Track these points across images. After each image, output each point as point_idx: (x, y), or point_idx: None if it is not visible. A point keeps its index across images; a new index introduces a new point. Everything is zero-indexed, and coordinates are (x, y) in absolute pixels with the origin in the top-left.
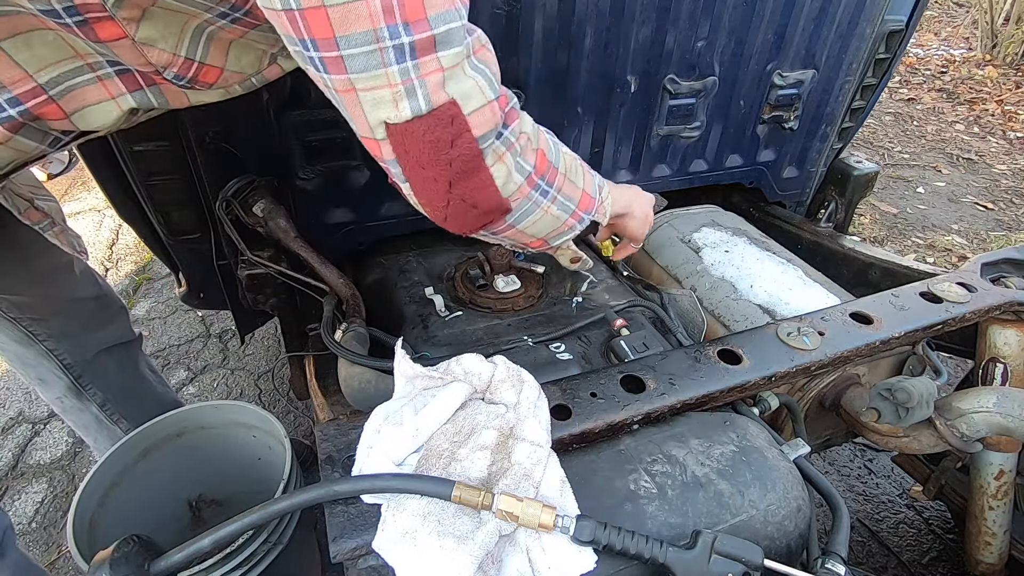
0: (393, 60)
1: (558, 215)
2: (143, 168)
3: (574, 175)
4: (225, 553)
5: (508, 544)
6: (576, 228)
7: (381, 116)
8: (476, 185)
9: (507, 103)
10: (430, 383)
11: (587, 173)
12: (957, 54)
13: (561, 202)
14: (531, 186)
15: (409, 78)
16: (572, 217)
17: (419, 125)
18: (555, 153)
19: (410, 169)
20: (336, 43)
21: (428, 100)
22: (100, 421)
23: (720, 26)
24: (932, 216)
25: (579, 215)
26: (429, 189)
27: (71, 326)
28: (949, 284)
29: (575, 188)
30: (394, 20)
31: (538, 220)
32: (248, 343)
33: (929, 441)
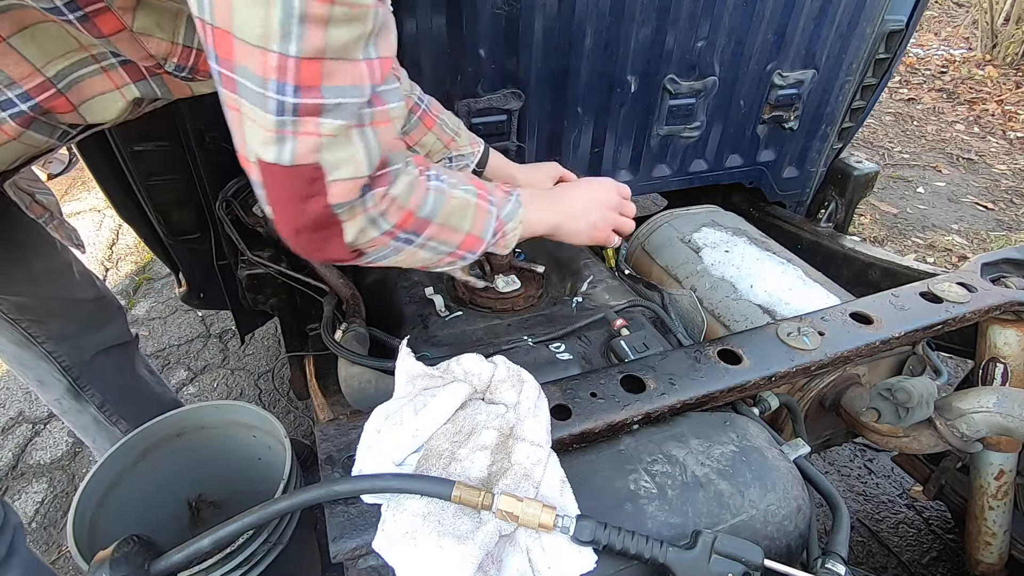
0: (273, 110)
1: (428, 256)
2: (143, 168)
3: (459, 221)
4: (225, 553)
5: (508, 544)
6: (459, 262)
7: (255, 147)
8: (323, 236)
9: (385, 168)
10: (430, 383)
11: (482, 213)
12: (957, 54)
13: (432, 247)
14: (390, 238)
15: (284, 130)
16: (451, 256)
17: (279, 172)
18: (432, 206)
19: (267, 198)
20: (234, 67)
21: (293, 155)
22: (99, 422)
23: (720, 26)
24: (932, 216)
25: (460, 254)
26: (279, 225)
27: (70, 328)
28: (949, 284)
29: (456, 233)
30: (284, 79)
31: (403, 259)
32: (248, 343)
33: (929, 441)
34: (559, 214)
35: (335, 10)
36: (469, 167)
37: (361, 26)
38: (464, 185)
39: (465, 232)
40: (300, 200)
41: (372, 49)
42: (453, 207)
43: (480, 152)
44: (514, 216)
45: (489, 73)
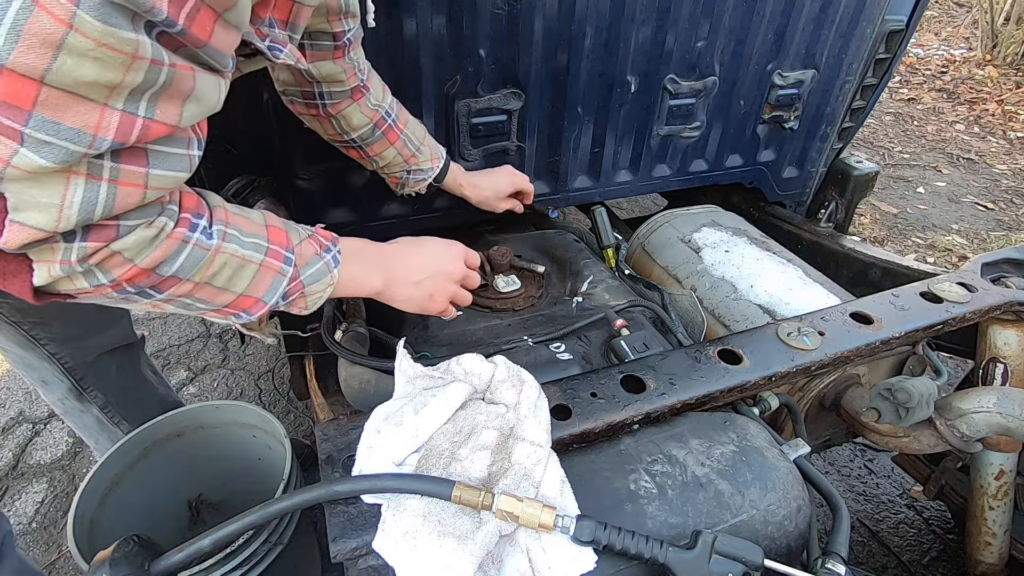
0: None
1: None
2: None
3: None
4: (225, 553)
5: (508, 544)
6: (233, 321)
7: None
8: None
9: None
10: (430, 383)
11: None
12: (957, 54)
13: (185, 303)
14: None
15: None
16: (216, 312)
17: None
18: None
19: None
20: None
21: None
22: (101, 423)
23: (720, 26)
24: (932, 216)
25: (229, 312)
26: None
27: (72, 329)
28: (949, 284)
29: (222, 293)
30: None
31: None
32: (248, 343)
33: (929, 441)
34: (388, 277)
35: (73, 37)
36: (426, 181)
37: (115, 72)
38: (252, 237)
39: (236, 294)
40: None
41: (143, 106)
42: (219, 266)
43: (440, 167)
44: (320, 279)
45: (489, 73)
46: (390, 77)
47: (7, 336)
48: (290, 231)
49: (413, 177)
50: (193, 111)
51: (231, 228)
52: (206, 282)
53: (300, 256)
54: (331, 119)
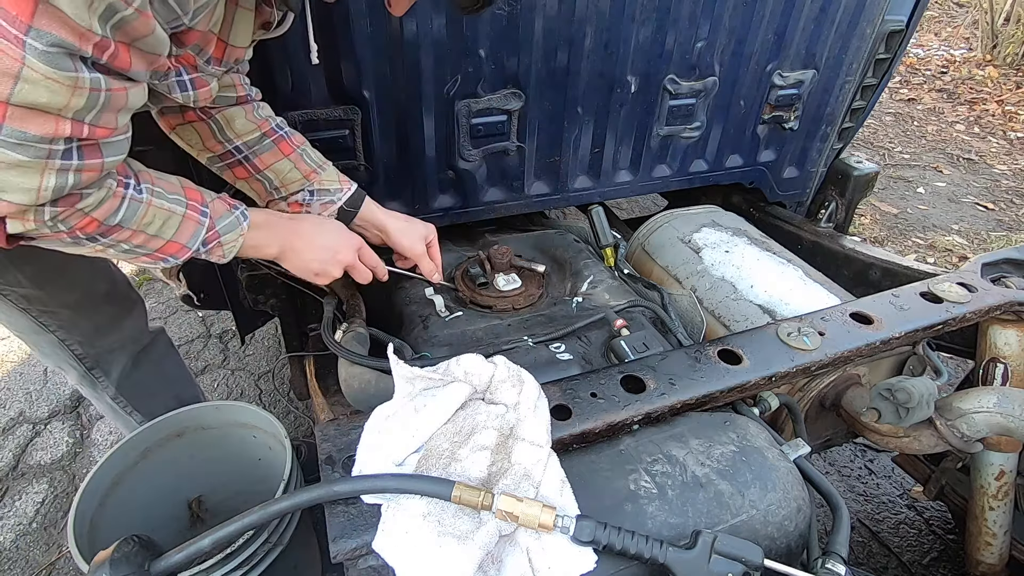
0: None
1: (123, 255)
2: None
3: (159, 228)
4: (225, 553)
5: (508, 544)
6: (161, 264)
7: None
8: None
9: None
10: (430, 383)
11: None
12: (957, 54)
13: (126, 248)
14: (67, 235)
15: None
16: (150, 258)
17: None
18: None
19: None
20: None
21: None
22: (114, 409)
23: (720, 26)
24: (932, 216)
25: (161, 256)
26: None
27: (81, 319)
28: (949, 284)
29: (154, 239)
30: None
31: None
32: (248, 343)
33: (929, 441)
34: (284, 248)
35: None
36: (335, 204)
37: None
38: (174, 195)
39: (165, 239)
40: None
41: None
42: (151, 216)
43: (351, 191)
44: (232, 230)
45: (489, 73)
46: (390, 77)
47: (19, 324)
48: (203, 192)
49: (318, 199)
50: (125, 115)
51: (156, 187)
52: (142, 230)
53: (214, 211)
54: (209, 121)
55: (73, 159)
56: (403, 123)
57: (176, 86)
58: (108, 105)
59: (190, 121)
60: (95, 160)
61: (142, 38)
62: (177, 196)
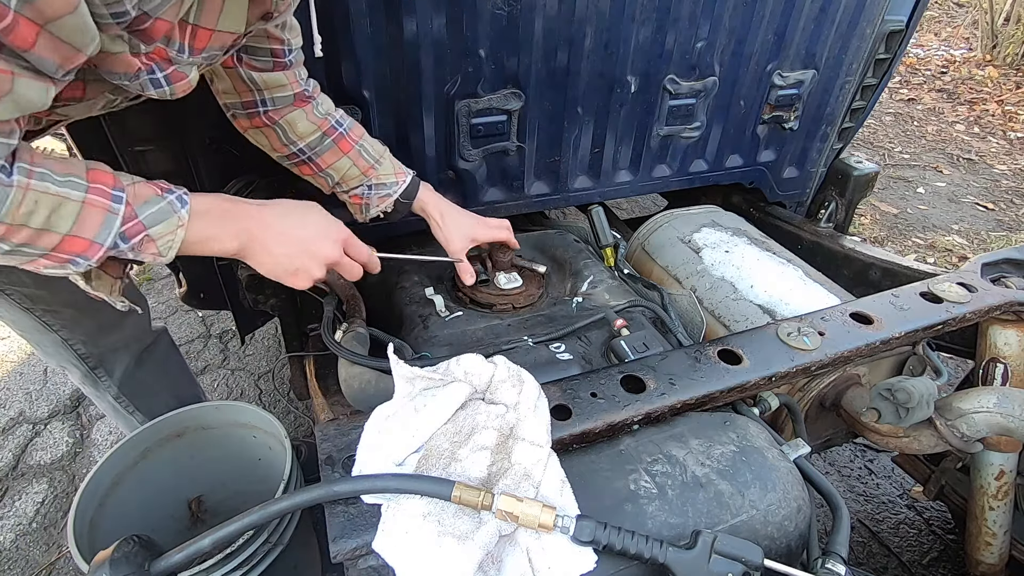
0: None
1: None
2: (143, 169)
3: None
4: (225, 553)
5: (508, 544)
6: (69, 268)
7: None
8: None
9: None
10: (430, 383)
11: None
12: (957, 54)
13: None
14: None
15: None
16: (47, 259)
17: None
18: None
19: None
20: None
21: None
22: (116, 409)
23: (720, 26)
24: (932, 216)
25: (63, 258)
26: None
27: (84, 318)
28: (949, 284)
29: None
30: None
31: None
32: (248, 343)
33: (929, 441)
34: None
35: None
36: (391, 197)
37: None
38: (67, 177)
39: (61, 234)
40: None
41: None
42: (32, 204)
43: (406, 183)
44: (165, 219)
45: (489, 73)
46: (390, 77)
47: (22, 323)
48: (118, 174)
49: (376, 193)
50: (9, 108)
51: (38, 167)
52: (21, 223)
53: (134, 196)
54: (274, 127)
55: None
56: (403, 123)
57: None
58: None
59: (257, 126)
60: None
61: (57, 18)
62: (72, 178)
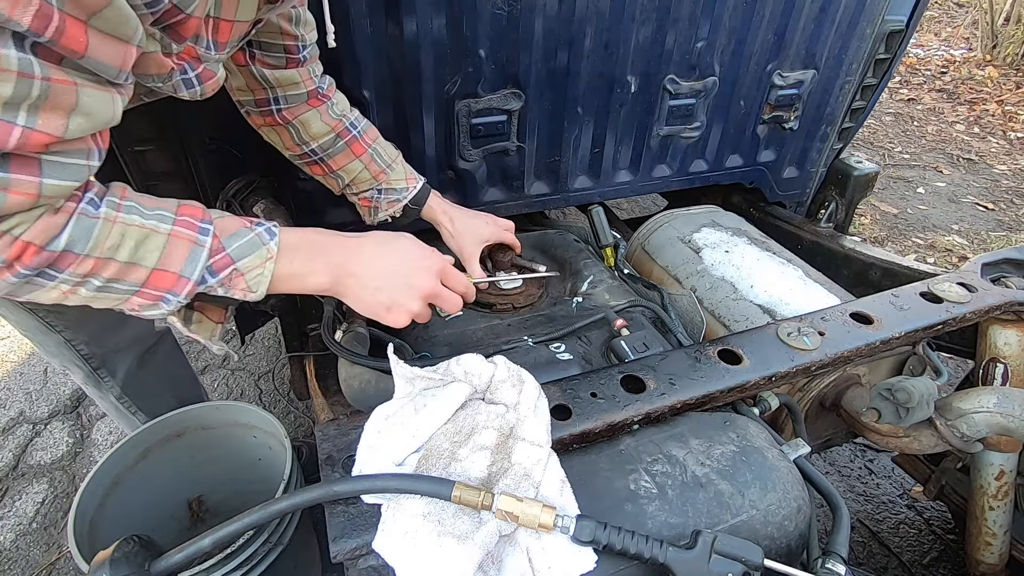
0: None
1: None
2: (143, 169)
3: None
4: (226, 553)
5: (508, 544)
6: (162, 307)
7: None
8: None
9: None
10: (430, 383)
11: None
12: (957, 54)
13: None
14: (9, 273)
15: None
16: (140, 296)
17: None
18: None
19: None
20: None
21: None
22: (119, 409)
23: (720, 26)
24: (932, 216)
25: (155, 295)
26: None
27: (88, 319)
28: (949, 284)
29: (131, 268)
30: None
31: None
32: (248, 343)
33: (929, 441)
34: (339, 276)
35: None
36: (401, 202)
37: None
38: (157, 211)
39: (148, 268)
40: None
41: (22, 116)
42: (119, 237)
43: (416, 189)
44: (254, 251)
45: (489, 73)
46: (390, 77)
47: (26, 324)
48: (207, 209)
49: (385, 198)
50: (81, 124)
51: (127, 201)
52: (109, 257)
53: (221, 228)
54: (287, 126)
55: None
56: (403, 123)
57: (182, 84)
58: (48, 101)
59: (270, 125)
60: (28, 178)
61: (98, 11)
62: (161, 211)
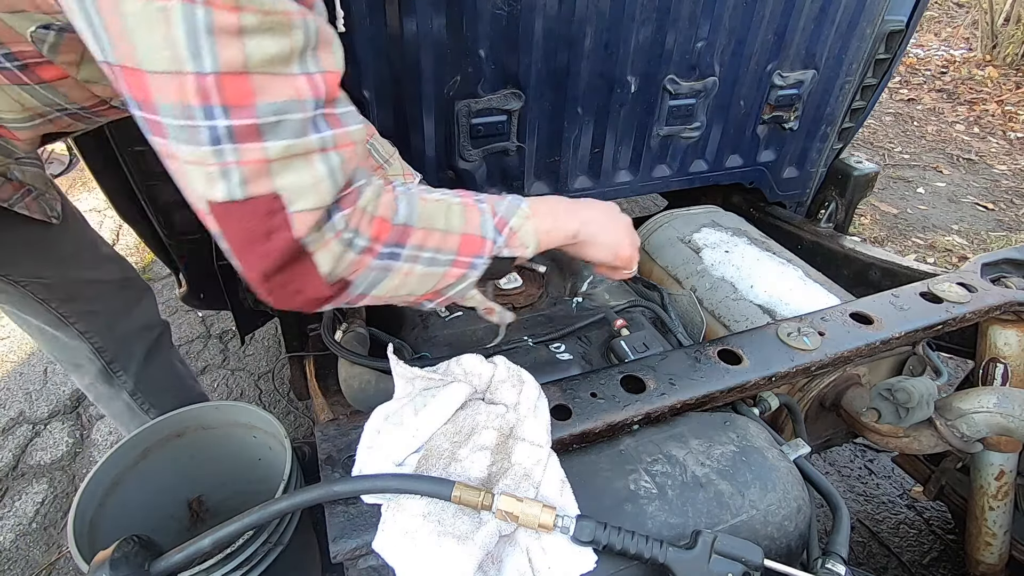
0: (206, 140)
1: (429, 271)
2: (143, 169)
3: (446, 220)
4: (225, 553)
5: (508, 544)
6: (470, 276)
7: (200, 191)
8: (296, 274)
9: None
10: (430, 384)
11: (471, 210)
12: (957, 54)
13: (428, 258)
14: (371, 256)
15: (226, 161)
16: (455, 267)
17: (235, 209)
18: (406, 210)
19: (230, 247)
20: (155, 106)
21: (244, 188)
22: (131, 409)
23: (720, 26)
24: (932, 216)
25: (466, 262)
26: (248, 273)
27: (97, 306)
28: (949, 284)
29: (448, 235)
30: (208, 101)
31: (401, 283)
32: (248, 343)
33: (929, 441)
34: (578, 220)
35: (246, 18)
36: None
37: (286, 37)
38: (439, 190)
39: (459, 233)
40: (262, 239)
41: (311, 63)
42: (432, 208)
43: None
44: (514, 213)
45: (489, 73)
46: (390, 77)
47: (38, 316)
48: None
49: None
50: (339, 56)
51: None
52: (430, 227)
53: (483, 197)
54: None
55: (322, 130)
56: (403, 123)
57: None
58: (318, 35)
59: None
60: (342, 131)
61: None
62: (440, 190)
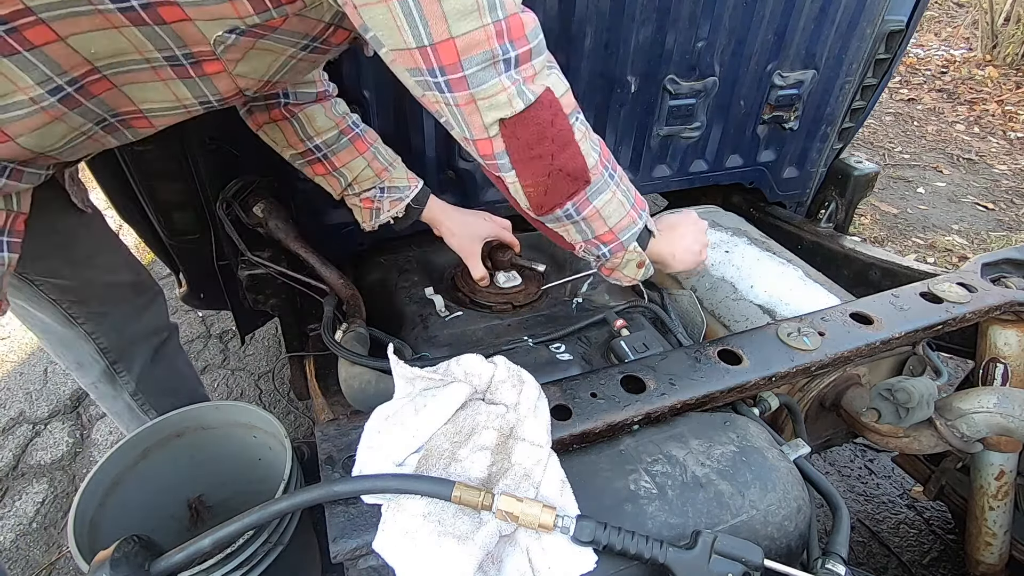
0: (503, 70)
1: (622, 200)
2: (144, 169)
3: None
4: (225, 553)
5: (508, 544)
6: (638, 224)
7: (497, 116)
8: (570, 155)
9: None
10: (430, 384)
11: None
12: (957, 54)
13: (624, 189)
14: (602, 165)
15: (516, 80)
16: (633, 210)
17: (528, 113)
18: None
19: (517, 154)
20: (462, 64)
21: (534, 92)
22: (132, 410)
23: (720, 26)
24: (932, 216)
25: (638, 210)
26: (535, 167)
27: (108, 308)
28: (949, 284)
29: (630, 187)
30: (503, 40)
31: (609, 200)
32: (248, 343)
33: (929, 441)
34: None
35: None
36: (403, 201)
37: None
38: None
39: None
40: (548, 126)
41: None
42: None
43: (418, 188)
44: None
45: None
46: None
47: (48, 314)
48: None
49: (388, 196)
50: None
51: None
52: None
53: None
54: (292, 119)
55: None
56: (403, 123)
57: None
58: None
59: (275, 120)
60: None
61: None
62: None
